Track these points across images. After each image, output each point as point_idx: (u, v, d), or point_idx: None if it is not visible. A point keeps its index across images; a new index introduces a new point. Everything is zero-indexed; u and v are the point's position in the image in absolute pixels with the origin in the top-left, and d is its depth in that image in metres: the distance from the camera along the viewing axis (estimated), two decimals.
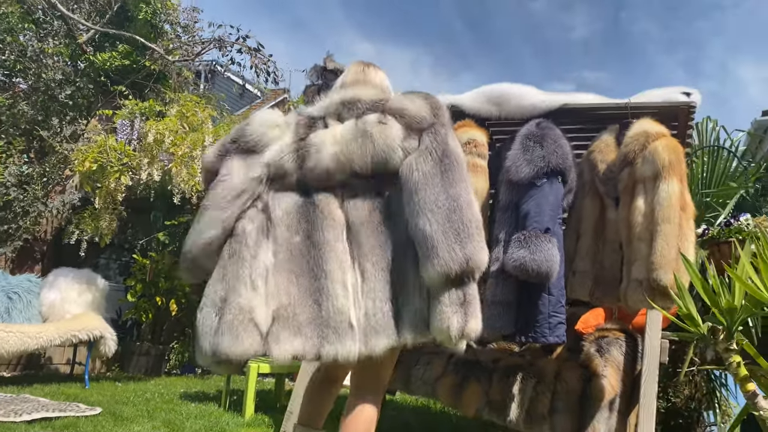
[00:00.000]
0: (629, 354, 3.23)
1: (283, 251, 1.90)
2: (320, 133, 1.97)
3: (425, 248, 1.76)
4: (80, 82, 6.46)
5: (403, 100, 1.97)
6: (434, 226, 1.76)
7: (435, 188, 1.81)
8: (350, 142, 1.90)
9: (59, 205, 6.23)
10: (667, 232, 2.74)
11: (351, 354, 1.78)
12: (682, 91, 3.17)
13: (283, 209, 1.94)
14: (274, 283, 1.87)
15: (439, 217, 1.78)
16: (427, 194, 1.81)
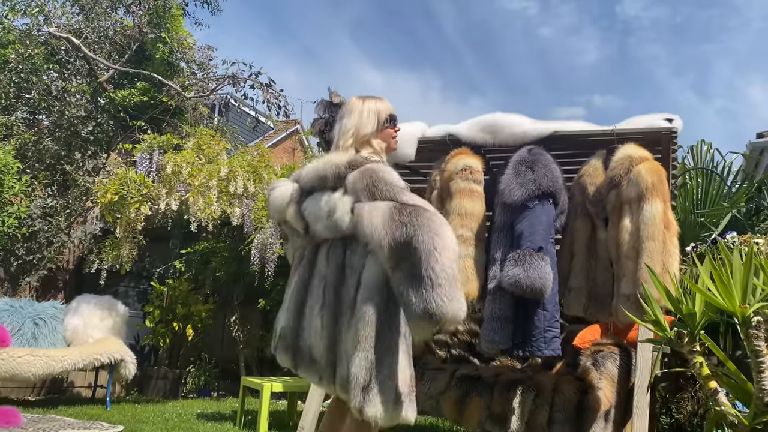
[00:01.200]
0: (623, 367, 3.38)
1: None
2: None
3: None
4: (101, 119, 6.79)
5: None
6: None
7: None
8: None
9: (81, 235, 6.51)
10: (651, 249, 2.93)
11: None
12: (665, 117, 3.38)
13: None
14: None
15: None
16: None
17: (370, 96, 2.47)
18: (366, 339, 1.92)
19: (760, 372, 1.69)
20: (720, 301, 1.73)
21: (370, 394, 1.89)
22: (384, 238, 1.85)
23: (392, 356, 1.94)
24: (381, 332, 1.93)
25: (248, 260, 5.99)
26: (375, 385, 1.90)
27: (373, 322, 1.93)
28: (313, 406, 3.67)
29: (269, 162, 5.60)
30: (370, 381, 1.90)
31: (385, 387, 1.91)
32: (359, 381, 1.90)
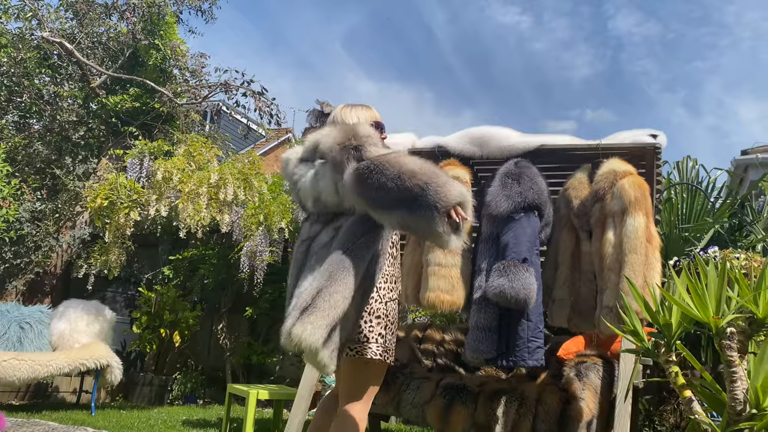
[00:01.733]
0: (606, 378, 3.43)
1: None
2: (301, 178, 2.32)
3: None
4: (92, 124, 6.81)
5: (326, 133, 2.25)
6: None
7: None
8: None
9: (70, 240, 6.50)
10: (633, 262, 2.99)
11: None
12: (649, 133, 3.45)
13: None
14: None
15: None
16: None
17: (356, 104, 2.52)
18: (322, 274, 2.00)
19: (733, 382, 1.74)
20: (695, 312, 1.78)
21: (305, 315, 1.94)
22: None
23: (342, 297, 1.98)
24: (339, 276, 2.00)
25: (237, 267, 6.00)
26: (315, 309, 1.93)
27: (335, 266, 2.01)
28: (298, 414, 3.69)
29: (260, 170, 5.63)
30: (311, 304, 1.94)
31: (324, 315, 1.94)
32: (300, 303, 1.96)
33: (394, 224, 2.04)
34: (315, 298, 1.97)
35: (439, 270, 3.41)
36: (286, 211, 5.68)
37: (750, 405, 1.74)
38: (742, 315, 1.83)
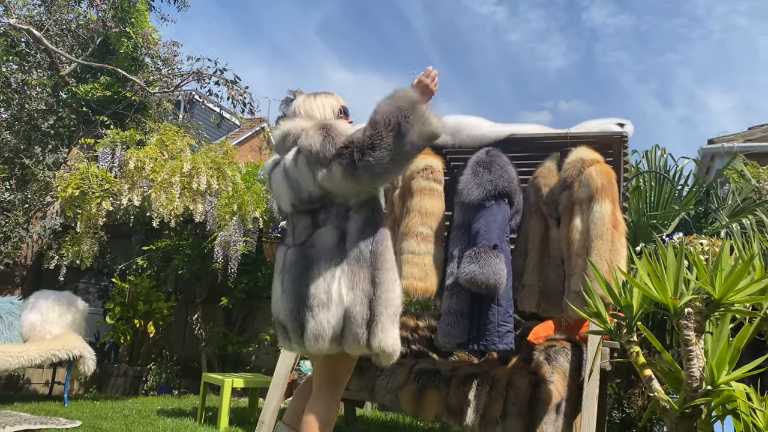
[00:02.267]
0: (575, 361, 3.52)
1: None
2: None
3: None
4: (62, 113, 6.70)
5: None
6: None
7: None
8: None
9: (40, 230, 6.41)
10: (599, 248, 3.07)
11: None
12: (617, 122, 3.52)
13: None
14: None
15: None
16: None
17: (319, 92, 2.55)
18: (362, 281, 2.13)
19: (690, 360, 1.81)
20: (654, 293, 1.85)
21: (373, 327, 2.07)
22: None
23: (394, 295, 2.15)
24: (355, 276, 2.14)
25: (211, 258, 5.99)
26: (378, 317, 2.08)
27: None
28: (273, 401, 3.72)
29: (233, 159, 5.62)
30: (372, 315, 2.08)
31: (390, 319, 2.11)
32: (359, 319, 2.08)
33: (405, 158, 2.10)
34: (370, 308, 2.10)
35: (413, 258, 3.45)
36: (261, 201, 5.68)
37: (706, 382, 1.82)
38: (699, 296, 1.91)
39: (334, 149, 2.08)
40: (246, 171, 6.10)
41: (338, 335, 2.10)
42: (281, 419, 2.58)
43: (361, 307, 2.08)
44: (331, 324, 2.09)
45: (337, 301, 2.10)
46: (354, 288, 2.11)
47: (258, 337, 6.68)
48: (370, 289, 2.11)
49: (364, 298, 2.09)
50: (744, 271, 1.83)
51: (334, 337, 2.10)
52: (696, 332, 1.87)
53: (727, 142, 6.82)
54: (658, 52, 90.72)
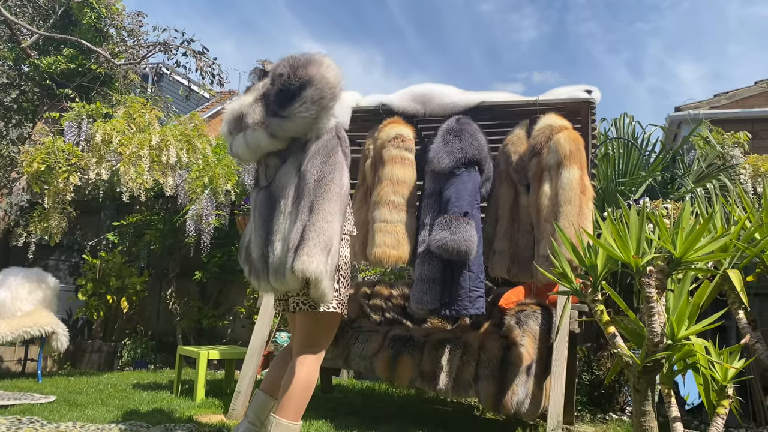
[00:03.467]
0: (545, 325, 3.60)
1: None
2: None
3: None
4: (25, 86, 6.52)
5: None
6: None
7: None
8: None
9: (6, 207, 6.28)
10: (568, 213, 3.12)
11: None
12: (585, 89, 3.57)
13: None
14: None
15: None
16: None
17: None
18: (302, 211, 2.20)
19: (651, 316, 1.87)
20: (617, 253, 1.90)
21: (299, 250, 2.14)
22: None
23: (326, 222, 2.19)
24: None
25: (183, 232, 5.94)
26: (305, 241, 2.14)
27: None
28: (249, 371, 3.75)
29: (203, 131, 5.55)
30: (300, 239, 2.14)
31: (315, 243, 2.14)
32: (291, 245, 2.15)
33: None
34: (303, 233, 2.14)
35: (385, 226, 3.48)
36: (232, 174, 5.63)
37: (666, 336, 1.89)
38: (661, 255, 1.97)
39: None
40: (216, 144, 6.03)
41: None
42: (259, 388, 2.62)
43: (295, 234, 2.14)
44: (288, 249, 2.15)
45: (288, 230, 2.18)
46: (297, 219, 2.17)
47: (233, 310, 6.68)
48: (307, 218, 2.16)
49: (299, 226, 2.15)
50: (704, 229, 1.88)
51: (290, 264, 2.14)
52: (658, 290, 1.93)
53: (693, 109, 6.93)
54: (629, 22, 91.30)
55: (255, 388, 3.77)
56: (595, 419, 4.52)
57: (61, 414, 3.44)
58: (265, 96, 2.33)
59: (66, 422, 3.17)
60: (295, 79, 2.22)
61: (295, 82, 2.22)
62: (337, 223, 2.19)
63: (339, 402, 4.44)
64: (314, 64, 2.25)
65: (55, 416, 3.35)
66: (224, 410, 3.79)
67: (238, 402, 3.62)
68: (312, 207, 2.15)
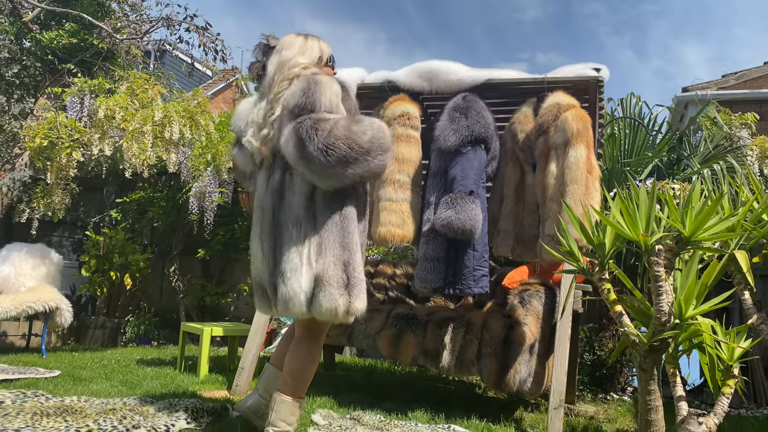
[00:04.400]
0: (548, 305, 3.60)
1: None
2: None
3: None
4: (27, 61, 6.47)
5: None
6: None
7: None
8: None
9: (9, 182, 6.27)
10: (574, 192, 3.10)
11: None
12: (593, 67, 3.52)
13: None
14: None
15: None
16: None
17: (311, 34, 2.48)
18: (338, 247, 2.14)
19: (659, 295, 1.86)
20: (626, 231, 1.88)
21: (352, 290, 2.14)
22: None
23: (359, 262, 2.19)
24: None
25: (186, 209, 5.93)
26: (355, 282, 2.13)
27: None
28: (253, 348, 3.76)
29: (206, 108, 5.51)
30: (349, 279, 2.11)
31: (363, 287, 2.16)
32: (336, 279, 2.10)
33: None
34: (346, 272, 2.10)
35: (390, 205, 3.46)
36: None
37: (674, 316, 1.88)
38: (670, 234, 1.95)
39: (310, 121, 2.04)
40: (219, 121, 5.99)
41: (309, 300, 2.10)
42: (269, 361, 2.64)
43: (336, 270, 2.08)
44: (303, 289, 2.09)
45: (307, 265, 2.10)
46: (323, 253, 2.10)
47: (236, 287, 6.70)
48: (344, 256, 2.11)
49: (337, 263, 2.09)
50: (713, 209, 1.87)
51: (306, 301, 2.10)
52: (666, 269, 1.92)
53: (700, 90, 6.86)
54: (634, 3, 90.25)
55: (258, 365, 3.79)
56: (596, 399, 4.54)
57: (66, 388, 3.46)
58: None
59: (71, 396, 3.18)
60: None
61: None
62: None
63: (342, 379, 4.46)
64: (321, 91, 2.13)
65: (59, 390, 3.36)
66: (228, 386, 3.81)
67: (242, 378, 3.64)
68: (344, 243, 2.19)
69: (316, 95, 2.08)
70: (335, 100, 2.13)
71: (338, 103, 2.15)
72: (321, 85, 2.11)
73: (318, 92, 2.09)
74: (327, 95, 2.10)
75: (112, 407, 2.93)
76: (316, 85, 2.11)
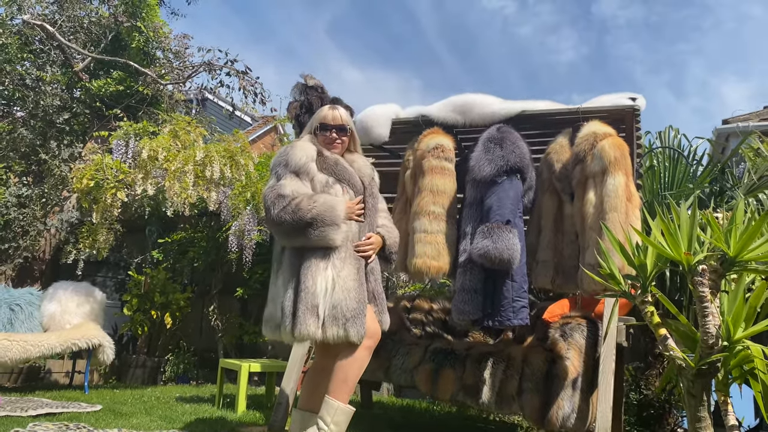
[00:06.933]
0: (590, 338, 3.50)
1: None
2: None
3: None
4: (77, 108, 6.78)
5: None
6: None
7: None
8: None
9: (57, 224, 6.49)
10: (614, 220, 3.05)
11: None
12: (629, 96, 3.50)
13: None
14: None
15: None
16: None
17: None
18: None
19: (705, 317, 1.80)
20: (668, 251, 1.84)
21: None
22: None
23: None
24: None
25: (226, 248, 6.02)
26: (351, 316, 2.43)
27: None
28: (290, 382, 3.74)
29: (246, 148, 5.65)
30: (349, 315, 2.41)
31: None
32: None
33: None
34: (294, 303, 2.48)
35: (425, 237, 3.46)
36: None
37: (722, 339, 1.81)
38: (714, 254, 1.90)
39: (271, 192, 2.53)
40: (259, 161, 6.13)
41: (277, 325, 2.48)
42: (296, 407, 2.67)
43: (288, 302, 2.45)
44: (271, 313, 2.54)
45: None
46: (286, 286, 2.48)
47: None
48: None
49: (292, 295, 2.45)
50: (759, 227, 1.81)
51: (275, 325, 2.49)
52: (711, 290, 1.86)
53: (741, 122, 6.74)
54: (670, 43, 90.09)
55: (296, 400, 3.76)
56: None
57: (107, 422, 3.49)
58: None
59: (111, 429, 3.21)
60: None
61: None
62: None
63: (378, 417, 4.39)
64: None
65: (101, 423, 3.40)
66: (265, 422, 3.79)
67: (279, 413, 3.61)
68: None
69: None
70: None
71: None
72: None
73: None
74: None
75: None
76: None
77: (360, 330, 2.39)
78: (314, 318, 2.37)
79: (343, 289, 2.41)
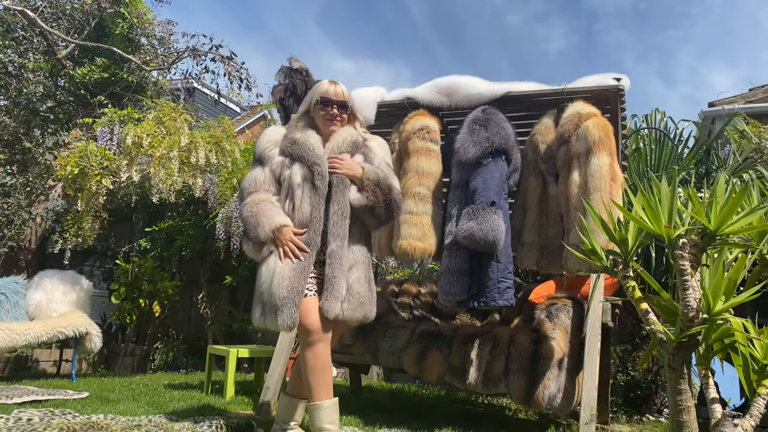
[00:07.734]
0: (576, 318, 3.52)
1: None
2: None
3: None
4: (60, 96, 6.70)
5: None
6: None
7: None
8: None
9: (43, 212, 6.44)
10: (598, 200, 3.05)
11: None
12: (614, 76, 3.50)
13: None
14: None
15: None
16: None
17: None
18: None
19: (685, 290, 1.81)
20: (649, 225, 1.84)
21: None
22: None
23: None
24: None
25: (214, 236, 5.98)
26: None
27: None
28: (278, 367, 3.74)
29: (231, 134, 5.61)
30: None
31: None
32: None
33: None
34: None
35: (411, 218, 3.45)
36: None
37: (702, 311, 1.82)
38: (694, 228, 1.90)
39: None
40: (245, 148, 6.09)
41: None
42: (284, 391, 2.69)
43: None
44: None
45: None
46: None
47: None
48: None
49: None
50: (739, 201, 1.82)
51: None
52: (692, 264, 1.86)
53: (727, 104, 6.76)
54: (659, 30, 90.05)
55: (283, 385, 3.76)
56: (631, 420, 4.40)
57: (93, 408, 3.47)
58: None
59: (98, 414, 3.19)
60: None
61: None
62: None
63: (368, 401, 4.40)
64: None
65: (87, 410, 3.38)
66: (253, 407, 3.78)
67: (267, 397, 3.61)
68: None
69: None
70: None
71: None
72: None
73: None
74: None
75: (137, 424, 2.93)
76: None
77: (286, 319, 2.39)
78: (260, 306, 2.48)
79: (279, 277, 2.45)
